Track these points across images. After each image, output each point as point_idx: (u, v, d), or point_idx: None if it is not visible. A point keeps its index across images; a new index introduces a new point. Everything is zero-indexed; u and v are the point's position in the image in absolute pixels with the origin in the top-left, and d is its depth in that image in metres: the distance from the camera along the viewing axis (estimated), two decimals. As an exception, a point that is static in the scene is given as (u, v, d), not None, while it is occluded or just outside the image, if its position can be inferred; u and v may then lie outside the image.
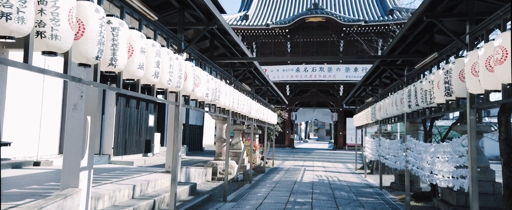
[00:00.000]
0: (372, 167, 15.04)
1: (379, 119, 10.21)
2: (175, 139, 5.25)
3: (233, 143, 13.42)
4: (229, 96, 7.56)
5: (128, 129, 14.28)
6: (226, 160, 8.34)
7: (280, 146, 23.93)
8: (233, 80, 8.28)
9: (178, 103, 5.17)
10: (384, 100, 9.10)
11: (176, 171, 5.16)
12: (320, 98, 24.09)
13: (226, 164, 8.30)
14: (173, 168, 5.19)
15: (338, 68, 22.38)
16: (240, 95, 8.64)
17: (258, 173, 13.92)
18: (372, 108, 11.04)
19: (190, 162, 16.57)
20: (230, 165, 11.21)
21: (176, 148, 5.22)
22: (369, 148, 12.71)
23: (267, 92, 14.80)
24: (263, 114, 12.56)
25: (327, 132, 65.42)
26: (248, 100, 9.79)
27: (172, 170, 5.18)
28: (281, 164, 18.44)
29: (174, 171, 5.16)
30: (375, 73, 9.66)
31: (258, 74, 10.06)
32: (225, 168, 8.26)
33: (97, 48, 2.94)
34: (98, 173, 8.23)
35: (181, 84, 4.90)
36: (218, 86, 6.71)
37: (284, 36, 23.49)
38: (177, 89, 4.90)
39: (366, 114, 12.29)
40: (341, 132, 23.52)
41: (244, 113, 9.46)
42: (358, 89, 12.48)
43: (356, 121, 15.42)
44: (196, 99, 5.84)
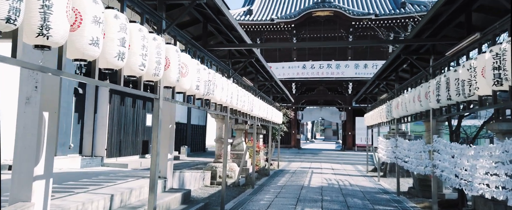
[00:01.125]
0: (385, 170, 13.94)
1: (396, 117, 9.14)
2: (154, 139, 4.26)
3: (235, 143, 12.43)
4: (227, 91, 6.57)
5: (123, 129, 13.37)
6: (223, 162, 7.34)
7: (285, 146, 22.90)
8: (232, 73, 7.28)
9: (158, 96, 4.18)
10: (402, 95, 8.03)
11: (154, 178, 4.17)
12: (328, 97, 23.00)
13: (224, 167, 7.31)
14: (151, 176, 4.21)
15: (347, 64, 21.27)
16: (240, 91, 7.65)
17: (262, 176, 12.91)
18: (387, 105, 9.97)
19: (191, 163, 15.62)
20: (231, 168, 10.22)
21: (156, 151, 4.23)
22: (383, 149, 11.62)
23: (271, 90, 13.78)
24: (267, 112, 11.55)
25: (334, 132, 64.20)
26: (250, 96, 8.79)
27: (151, 178, 4.20)
28: (287, 166, 17.41)
29: (153, 179, 4.17)
30: (392, 66, 8.58)
31: (261, 68, 9.04)
32: (222, 172, 7.27)
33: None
34: (78, 178, 7.29)
35: (160, 72, 3.91)
36: (212, 78, 5.72)
37: (290, 31, 22.45)
38: (155, 78, 3.91)
39: (380, 112, 11.21)
40: (350, 132, 22.40)
41: (245, 111, 8.46)
42: (371, 85, 11.40)
43: (368, 119, 14.33)
44: (183, 92, 4.85)
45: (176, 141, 20.78)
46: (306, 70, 21.74)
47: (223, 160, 7.28)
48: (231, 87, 6.93)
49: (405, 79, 9.75)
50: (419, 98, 6.82)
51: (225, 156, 7.28)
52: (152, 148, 4.24)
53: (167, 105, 7.20)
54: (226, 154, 7.30)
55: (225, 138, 7.33)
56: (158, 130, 4.21)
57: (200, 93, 5.30)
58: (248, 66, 9.49)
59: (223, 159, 7.30)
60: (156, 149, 4.19)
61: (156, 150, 4.18)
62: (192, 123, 22.58)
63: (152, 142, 4.25)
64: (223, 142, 10.67)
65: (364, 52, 22.05)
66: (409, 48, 6.69)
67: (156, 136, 4.20)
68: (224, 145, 7.39)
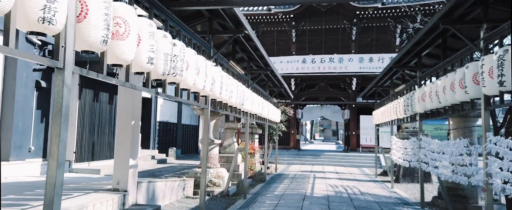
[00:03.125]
0: (398, 174, 12.21)
1: (420, 111, 7.44)
2: (53, 136, 2.52)
3: (225, 145, 10.70)
4: (205, 75, 4.85)
5: (97, 129, 11.61)
6: (202, 168, 5.62)
7: (284, 147, 21.17)
8: (214, 53, 5.56)
9: (61, 65, 2.45)
10: (432, 84, 6.31)
11: (52, 195, 2.41)
12: (330, 94, 21.28)
13: (203, 174, 5.59)
14: (47, 192, 2.44)
15: (351, 58, 19.57)
16: (225, 78, 5.94)
17: (257, 182, 11.18)
18: (407, 97, 8.26)
19: (178, 168, 13.87)
20: (218, 175, 8.48)
21: (56, 155, 2.48)
22: (397, 150, 9.91)
23: (268, 83, 12.05)
24: (262, 108, 9.83)
25: (333, 132, 62.60)
26: (240, 87, 7.08)
27: (46, 195, 2.43)
28: (285, 169, 15.68)
29: (50, 197, 2.41)
30: (420, 44, 6.85)
31: (253, 50, 7.30)
32: (201, 180, 5.55)
33: None
34: (24, 189, 5.56)
35: (55, 16, 2.17)
36: (180, 53, 4.01)
37: (288, 22, 20.74)
38: (54, 28, 2.18)
39: (395, 107, 9.50)
40: (354, 132, 20.70)
41: (232, 104, 6.74)
42: (385, 75, 9.68)
43: (377, 117, 12.62)
44: (122, 64, 3.10)
45: (164, 142, 19.10)
46: (306, 65, 20.03)
47: (202, 165, 5.55)
48: (212, 71, 5.22)
49: (428, 67, 8.05)
50: (462, 84, 5.11)
51: (203, 159, 5.55)
52: (49, 146, 2.50)
53: (128, 94, 5.48)
54: (205, 157, 5.57)
55: (205, 138, 5.61)
56: (60, 122, 2.47)
57: (157, 71, 3.58)
58: (239, 50, 7.77)
59: (201, 164, 5.57)
60: (56, 152, 2.44)
61: (56, 153, 2.44)
62: (183, 123, 20.85)
63: (50, 138, 2.51)
64: (211, 143, 8.95)
65: (369, 45, 20.37)
66: (451, 15, 4.97)
67: (57, 131, 2.47)
68: (203, 146, 5.66)
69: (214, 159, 8.83)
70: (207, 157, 8.99)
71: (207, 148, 5.65)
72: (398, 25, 19.62)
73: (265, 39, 21.82)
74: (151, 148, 16.87)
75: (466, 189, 7.65)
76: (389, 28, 20.11)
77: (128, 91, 5.49)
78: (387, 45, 20.16)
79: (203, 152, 5.58)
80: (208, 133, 9.07)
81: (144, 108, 17.08)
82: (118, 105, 5.57)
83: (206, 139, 5.65)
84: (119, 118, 5.51)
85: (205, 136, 5.67)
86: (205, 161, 5.57)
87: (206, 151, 5.59)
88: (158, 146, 17.63)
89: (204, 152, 5.60)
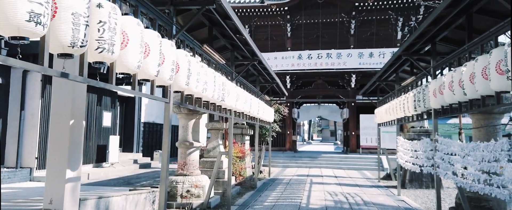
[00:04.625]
0: (404, 178, 10.95)
1: (435, 106, 6.21)
2: None
3: (209, 148, 9.43)
4: (156, 57, 3.59)
5: (66, 131, 10.31)
6: (162, 175, 4.34)
7: (279, 149, 19.91)
8: (177, 30, 4.29)
9: None
10: (458, 70, 5.06)
11: None
12: (327, 91, 20.03)
13: (162, 183, 4.31)
14: None
15: (349, 54, 18.33)
16: (195, 65, 4.68)
17: (247, 190, 9.91)
18: (418, 91, 7.02)
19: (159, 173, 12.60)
20: (195, 184, 7.20)
21: None
22: (405, 152, 8.68)
23: (258, 78, 10.78)
24: (250, 106, 8.57)
25: (331, 132, 61.42)
26: (219, 78, 5.82)
27: None
28: (280, 173, 14.42)
29: None
30: (435, 28, 5.62)
31: (234, 33, 6.02)
32: (159, 193, 4.27)
33: None
34: None
35: None
36: (109, 20, 2.74)
37: (283, 16, 19.49)
38: None
39: (402, 103, 8.25)
40: (354, 132, 19.45)
41: (208, 98, 5.47)
42: (390, 66, 8.42)
43: (380, 115, 11.39)
44: None
45: (150, 145, 17.75)
46: (302, 60, 18.77)
47: (162, 172, 4.27)
48: (172, 54, 3.96)
49: (443, 55, 6.81)
50: (498, 68, 3.89)
51: (164, 165, 4.27)
52: None
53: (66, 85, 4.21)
54: (165, 164, 4.28)
55: (165, 140, 4.34)
56: None
57: (59, 39, 2.31)
58: (219, 36, 6.50)
59: (161, 171, 4.28)
60: None
61: None
62: (173, 124, 19.54)
63: None
64: (189, 146, 7.67)
65: (369, 39, 19.14)
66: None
67: None
68: (163, 149, 4.38)
69: (192, 165, 7.56)
70: (166, 162, 7.74)
71: (165, 154, 4.38)
72: (400, 18, 18.42)
73: (258, 34, 20.57)
74: (135, 151, 15.57)
75: (490, 199, 6.41)
76: (390, 21, 18.89)
77: (66, 81, 4.21)
78: (388, 39, 18.95)
79: (163, 158, 4.31)
80: (167, 129, 7.80)
81: (126, 108, 15.80)
82: (52, 99, 4.28)
83: (166, 141, 4.38)
84: (53, 116, 4.23)
85: (165, 138, 4.39)
86: (165, 166, 4.29)
87: (166, 157, 4.31)
88: (143, 149, 16.32)
89: (165, 157, 4.31)
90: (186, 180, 7.29)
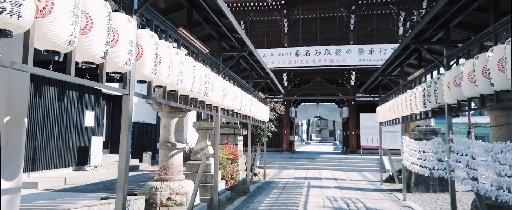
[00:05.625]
0: (409, 181, 10.13)
1: (451, 101, 5.40)
2: None
3: (196, 149, 8.59)
4: (104, 33, 2.78)
5: (40, 132, 9.47)
6: (118, 182, 3.50)
7: (276, 150, 19.09)
8: (139, 4, 3.47)
9: None
10: (480, 57, 4.24)
11: None
12: (326, 90, 19.22)
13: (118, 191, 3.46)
14: None
15: (349, 50, 17.54)
16: (165, 50, 3.87)
17: (239, 195, 9.08)
18: (428, 85, 6.21)
19: (148, 176, 11.70)
20: (178, 191, 6.37)
21: None
22: (411, 154, 7.89)
23: (251, 74, 9.96)
24: (241, 103, 7.75)
25: (330, 132, 60.64)
26: (200, 69, 5.00)
27: None
28: (276, 175, 13.60)
29: None
30: (453, 7, 4.81)
31: (218, 16, 5.19)
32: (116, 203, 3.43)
33: None
34: None
35: None
36: None
37: (280, 11, 18.68)
38: None
39: (409, 99, 7.43)
40: (354, 131, 18.65)
41: (185, 92, 4.65)
42: (397, 58, 7.60)
43: (382, 114, 10.58)
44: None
45: (139, 147, 16.88)
46: (299, 57, 17.97)
47: (118, 180, 3.44)
48: (130, 33, 3.15)
49: (457, 42, 6.00)
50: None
51: (121, 171, 3.45)
52: None
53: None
54: (123, 170, 3.45)
55: (123, 140, 3.54)
56: None
57: None
58: (202, 22, 5.68)
59: (118, 179, 3.46)
60: None
61: None
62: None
63: None
64: (172, 148, 6.85)
65: (369, 35, 18.36)
66: None
67: None
68: (120, 155, 3.55)
69: (175, 169, 6.73)
70: (167, 166, 6.92)
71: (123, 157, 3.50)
72: (402, 12, 17.63)
73: (254, 30, 19.76)
74: (123, 152, 14.72)
75: None
76: (391, 16, 18.11)
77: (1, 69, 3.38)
78: (389, 35, 18.16)
79: (121, 163, 3.48)
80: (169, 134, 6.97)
81: (114, 106, 14.95)
82: None
83: (125, 143, 3.55)
84: None
85: (124, 138, 3.56)
86: (124, 172, 3.46)
87: (124, 160, 3.48)
88: (132, 151, 15.49)
89: (123, 161, 3.48)
90: (167, 186, 6.47)
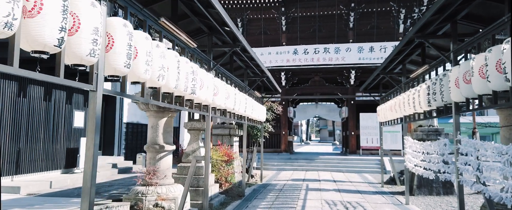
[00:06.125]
0: (411, 183, 9.71)
1: (457, 100, 5.02)
2: None
3: (188, 151, 8.17)
4: (57, 14, 2.34)
5: (25, 133, 9.04)
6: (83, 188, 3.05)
7: (274, 151, 18.67)
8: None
9: None
10: (494, 50, 3.83)
11: None
12: (325, 89, 18.81)
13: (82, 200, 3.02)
14: None
15: (348, 48, 17.13)
16: (142, 40, 3.45)
17: (234, 199, 8.66)
18: (433, 82, 5.80)
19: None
20: (166, 197, 5.95)
21: None
22: (415, 155, 7.47)
23: (246, 72, 9.54)
24: (235, 102, 7.33)
25: (329, 133, 60.23)
26: (186, 65, 4.58)
27: None
28: (274, 177, 13.18)
29: None
30: (456, 1, 4.40)
31: (205, 7, 4.77)
32: None
33: None
34: None
35: None
36: None
37: (277, 8, 18.26)
38: None
39: (412, 98, 7.01)
40: (353, 132, 18.23)
41: (169, 89, 4.23)
42: (399, 54, 7.18)
43: (383, 113, 10.18)
44: None
45: (133, 148, 16.39)
46: (297, 56, 17.55)
47: (83, 187, 3.00)
48: (100, 22, 2.73)
49: (465, 36, 5.59)
50: None
51: (87, 177, 3.01)
52: None
53: None
54: (88, 175, 3.02)
55: (89, 143, 3.10)
56: None
57: None
58: (189, 13, 5.25)
59: (83, 186, 3.02)
60: None
61: None
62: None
63: None
64: (160, 151, 6.42)
65: (369, 33, 17.94)
66: None
67: None
68: (86, 159, 3.10)
69: (163, 173, 6.31)
70: (154, 169, 6.49)
71: (152, 159, 3.06)
72: (402, 9, 17.22)
73: (251, 28, 19.35)
74: (116, 154, 14.30)
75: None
76: (391, 14, 17.70)
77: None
78: (389, 33, 17.75)
79: (87, 169, 3.05)
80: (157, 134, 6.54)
81: (106, 106, 14.52)
82: None
83: (91, 146, 3.12)
84: None
85: (90, 141, 3.13)
86: (90, 177, 3.03)
87: (90, 165, 3.05)
88: (125, 152, 15.05)
89: (89, 166, 3.05)
90: (154, 191, 6.05)
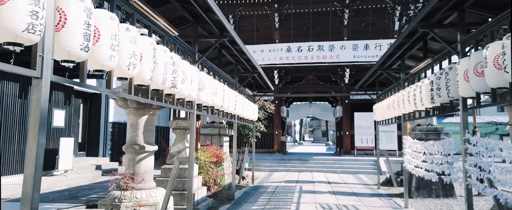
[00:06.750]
0: (410, 185, 9.26)
1: (466, 95, 4.57)
2: None
3: (173, 152, 7.62)
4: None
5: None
6: None
7: (267, 151, 18.17)
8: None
9: None
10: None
11: None
12: (319, 88, 18.37)
13: None
14: None
15: (343, 46, 16.72)
16: (110, 22, 2.91)
17: (223, 203, 8.13)
18: (437, 77, 5.34)
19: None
20: (140, 204, 5.40)
21: None
22: (415, 156, 7.03)
23: (236, 68, 9.02)
24: (223, 99, 6.80)
25: (323, 133, 59.98)
26: (165, 54, 4.06)
27: None
28: (266, 179, 12.68)
29: None
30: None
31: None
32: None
33: None
34: None
35: None
36: None
37: (270, 5, 17.77)
38: None
39: (412, 95, 6.56)
40: (348, 131, 17.81)
41: (144, 81, 3.70)
42: (400, 46, 6.71)
43: (380, 112, 9.74)
44: None
45: (119, 148, 15.67)
46: (291, 54, 17.09)
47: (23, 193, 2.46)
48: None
49: (472, 25, 5.14)
50: None
51: (27, 183, 2.47)
52: None
53: None
54: (30, 180, 2.47)
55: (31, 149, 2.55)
56: None
57: None
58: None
59: (23, 193, 2.47)
60: None
61: None
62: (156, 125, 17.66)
63: None
64: (139, 151, 5.87)
65: (363, 30, 17.55)
66: None
67: None
68: (27, 163, 2.56)
69: (140, 176, 5.76)
70: (134, 172, 5.94)
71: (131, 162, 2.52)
72: (398, 6, 16.85)
73: (243, 25, 18.83)
74: (101, 155, 13.68)
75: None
76: (386, 11, 17.33)
77: None
78: (384, 30, 17.37)
79: (28, 173, 2.50)
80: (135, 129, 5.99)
81: (91, 105, 13.89)
82: None
83: (34, 148, 2.60)
84: None
85: (33, 142, 2.60)
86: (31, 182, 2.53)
87: (33, 169, 2.52)
88: (111, 153, 14.42)
89: (30, 170, 2.52)
90: (133, 196, 5.50)
